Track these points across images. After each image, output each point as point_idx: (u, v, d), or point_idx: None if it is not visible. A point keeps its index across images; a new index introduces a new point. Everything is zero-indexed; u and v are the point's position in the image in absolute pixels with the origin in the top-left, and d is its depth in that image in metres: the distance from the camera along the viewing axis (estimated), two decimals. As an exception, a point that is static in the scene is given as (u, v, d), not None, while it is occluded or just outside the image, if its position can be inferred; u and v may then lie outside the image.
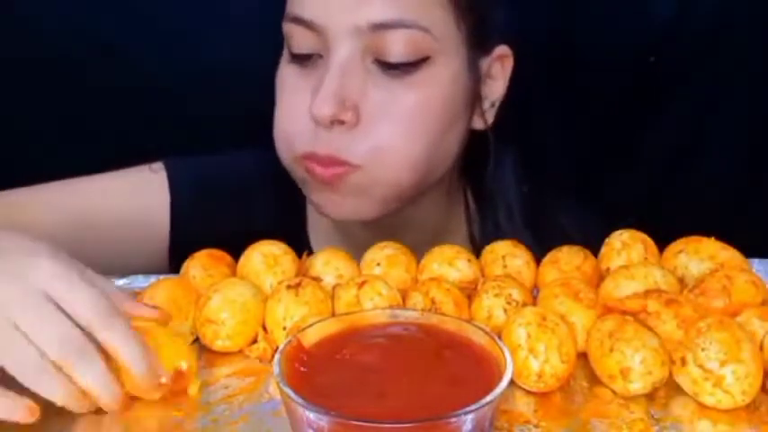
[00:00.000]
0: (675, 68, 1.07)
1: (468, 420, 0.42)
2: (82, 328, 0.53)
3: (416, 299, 0.62)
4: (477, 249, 0.73)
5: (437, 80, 0.75)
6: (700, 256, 0.65)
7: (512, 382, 0.50)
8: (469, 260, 0.67)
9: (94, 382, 0.52)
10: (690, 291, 0.61)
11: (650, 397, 0.55)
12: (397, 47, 0.73)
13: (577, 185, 1.04)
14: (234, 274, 0.67)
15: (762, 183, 1.09)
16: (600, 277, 0.66)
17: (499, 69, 0.82)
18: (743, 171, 1.10)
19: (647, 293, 0.59)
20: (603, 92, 1.07)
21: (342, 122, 0.73)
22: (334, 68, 0.73)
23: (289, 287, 0.62)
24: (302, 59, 0.76)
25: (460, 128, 0.80)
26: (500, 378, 0.45)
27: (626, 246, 0.67)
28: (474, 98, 0.80)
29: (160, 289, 0.63)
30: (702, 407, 0.54)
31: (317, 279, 0.65)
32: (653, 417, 0.53)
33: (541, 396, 0.55)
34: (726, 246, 0.66)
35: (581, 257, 0.67)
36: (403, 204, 0.79)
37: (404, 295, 0.63)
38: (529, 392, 0.56)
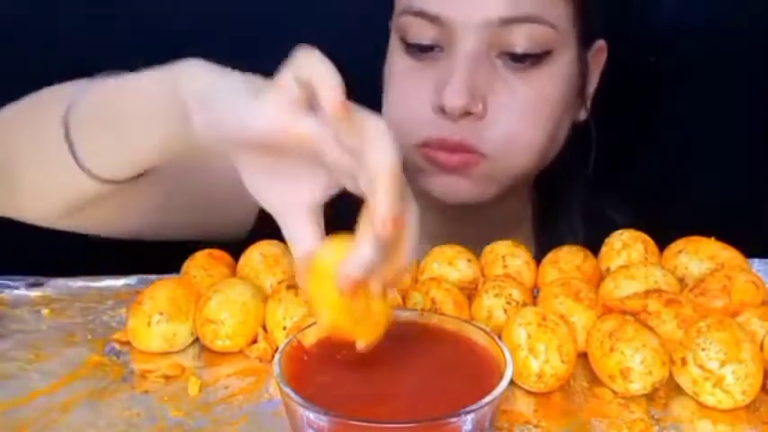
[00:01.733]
0: (675, 68, 1.07)
1: (468, 420, 0.42)
2: None
3: (416, 299, 0.62)
4: (540, 247, 0.77)
5: (558, 73, 0.78)
6: (700, 256, 0.65)
7: (512, 382, 0.50)
8: (469, 260, 0.67)
9: None
10: (690, 291, 0.61)
11: (650, 397, 0.55)
12: (523, 40, 0.75)
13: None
14: (234, 274, 0.67)
15: (761, 183, 1.09)
16: (600, 277, 0.66)
17: (595, 63, 0.85)
18: (743, 171, 1.10)
19: (647, 293, 0.59)
20: (603, 92, 1.07)
21: (470, 114, 0.75)
22: (463, 61, 0.75)
23: (289, 287, 0.62)
24: (419, 52, 0.78)
25: (570, 118, 0.83)
26: (500, 378, 0.45)
27: (626, 246, 0.67)
28: (581, 90, 0.83)
29: (160, 289, 0.62)
30: (702, 407, 0.54)
31: (317, 279, 0.65)
32: (653, 417, 0.53)
33: (541, 396, 0.55)
34: (726, 246, 0.66)
35: (581, 257, 0.67)
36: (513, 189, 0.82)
37: (404, 295, 0.63)
38: (529, 392, 0.56)
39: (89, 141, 0.63)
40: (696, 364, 0.53)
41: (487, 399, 0.43)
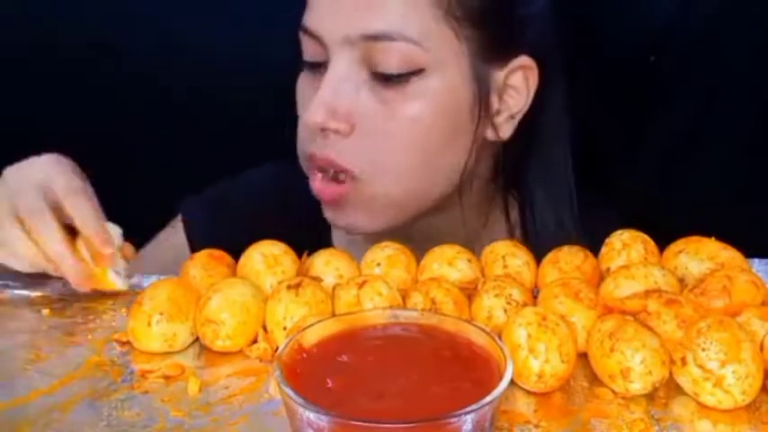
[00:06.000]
0: (675, 68, 1.07)
1: (468, 420, 0.42)
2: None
3: (416, 299, 0.62)
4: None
5: (432, 92, 0.75)
6: (700, 256, 0.65)
7: (512, 382, 0.50)
8: (469, 260, 0.67)
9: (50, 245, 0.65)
10: (690, 291, 0.61)
11: (650, 397, 0.55)
12: (389, 59, 0.74)
13: (577, 185, 1.04)
14: (234, 274, 0.67)
15: (762, 183, 1.09)
16: (600, 277, 0.66)
17: (520, 80, 0.80)
18: (743, 171, 1.10)
19: (647, 293, 0.59)
20: (603, 92, 1.07)
21: (335, 131, 0.75)
22: (328, 78, 0.75)
23: (289, 287, 0.62)
24: (312, 68, 0.79)
25: (465, 140, 0.79)
26: (500, 378, 0.45)
27: (626, 246, 0.67)
28: (481, 109, 0.78)
29: (160, 289, 0.63)
30: (702, 407, 0.54)
31: (317, 279, 0.65)
32: (653, 417, 0.53)
33: (541, 396, 0.56)
34: (726, 246, 0.66)
35: (581, 257, 0.67)
36: (412, 215, 0.80)
37: (404, 295, 0.63)
38: (529, 392, 0.56)
39: None
40: (696, 364, 0.53)
41: (487, 399, 0.43)
